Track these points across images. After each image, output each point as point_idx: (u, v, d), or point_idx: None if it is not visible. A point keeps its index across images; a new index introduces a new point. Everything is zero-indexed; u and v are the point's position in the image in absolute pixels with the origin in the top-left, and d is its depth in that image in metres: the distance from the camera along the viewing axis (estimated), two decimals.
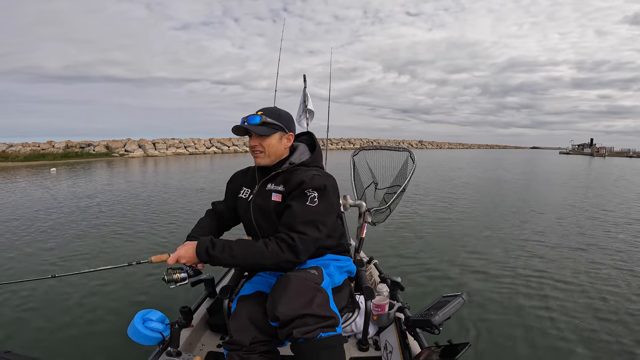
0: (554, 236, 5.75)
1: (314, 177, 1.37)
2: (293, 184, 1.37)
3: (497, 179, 15.42)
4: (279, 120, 1.44)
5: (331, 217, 1.40)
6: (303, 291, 1.22)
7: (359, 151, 2.94)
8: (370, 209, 2.53)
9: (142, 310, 1.40)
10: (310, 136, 1.63)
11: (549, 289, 3.66)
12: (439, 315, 1.37)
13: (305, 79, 3.52)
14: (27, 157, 22.23)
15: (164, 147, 29.29)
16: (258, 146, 1.43)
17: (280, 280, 1.28)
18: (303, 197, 1.34)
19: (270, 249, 1.26)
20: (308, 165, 1.48)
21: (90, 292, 3.21)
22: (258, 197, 1.47)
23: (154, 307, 1.46)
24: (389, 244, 5.11)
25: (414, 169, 2.60)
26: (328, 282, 1.34)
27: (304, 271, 1.33)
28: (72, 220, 6.14)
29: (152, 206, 7.61)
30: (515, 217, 7.25)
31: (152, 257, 1.33)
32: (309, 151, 1.55)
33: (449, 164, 24.60)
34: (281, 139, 1.45)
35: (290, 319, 1.17)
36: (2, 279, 3.31)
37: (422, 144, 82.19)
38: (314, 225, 1.31)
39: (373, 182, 2.85)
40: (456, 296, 1.46)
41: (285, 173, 1.45)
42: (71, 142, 26.65)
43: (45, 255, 4.30)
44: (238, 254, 1.25)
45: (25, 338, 2.55)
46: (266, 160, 1.45)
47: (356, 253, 2.40)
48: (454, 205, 8.44)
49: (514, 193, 11.15)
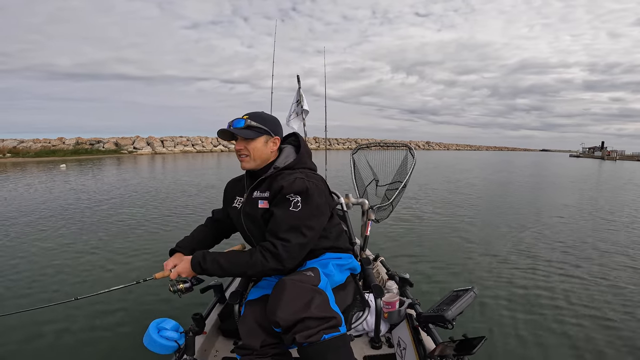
0: (562, 235, 5.80)
1: (295, 180, 1.36)
2: (275, 189, 1.37)
3: (502, 181, 15.36)
4: (264, 124, 1.43)
5: (318, 219, 1.39)
6: (299, 294, 1.21)
7: (358, 149, 2.95)
8: (373, 206, 2.53)
9: (156, 320, 1.40)
10: (296, 137, 1.61)
11: (558, 283, 3.70)
12: (451, 310, 1.37)
13: (299, 80, 3.52)
14: (38, 153, 22.77)
15: (171, 144, 29.94)
16: (243, 150, 1.43)
17: (276, 285, 1.27)
18: (285, 202, 1.33)
19: (254, 258, 1.29)
20: (293, 167, 1.46)
21: (100, 308, 3.16)
22: (247, 205, 1.47)
23: (164, 316, 1.46)
24: (394, 241, 5.13)
25: (414, 164, 2.61)
26: (326, 282, 1.34)
27: (300, 274, 1.32)
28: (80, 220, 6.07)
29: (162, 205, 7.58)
30: (520, 217, 7.29)
31: (155, 274, 1.44)
32: (295, 153, 1.53)
33: (455, 166, 24.47)
34: (267, 143, 1.45)
35: (291, 324, 1.17)
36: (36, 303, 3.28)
37: (429, 145, 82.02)
38: (298, 230, 1.31)
39: (374, 179, 2.86)
40: (467, 290, 1.46)
41: (270, 178, 1.44)
42: (81, 139, 27.43)
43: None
44: (225, 266, 1.31)
45: (42, 355, 2.51)
46: (251, 164, 1.45)
47: (362, 251, 2.40)
48: (459, 205, 8.49)
49: (520, 194, 11.16)
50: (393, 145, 2.85)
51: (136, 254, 4.66)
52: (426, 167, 22.18)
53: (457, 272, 4.00)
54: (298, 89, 3.54)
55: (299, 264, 1.41)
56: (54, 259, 4.40)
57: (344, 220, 2.17)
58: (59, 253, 4.63)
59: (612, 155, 59.47)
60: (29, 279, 3.80)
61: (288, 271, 1.37)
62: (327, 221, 1.48)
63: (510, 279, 3.78)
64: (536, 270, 4.01)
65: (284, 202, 1.33)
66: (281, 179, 1.39)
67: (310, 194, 1.35)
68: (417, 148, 74.16)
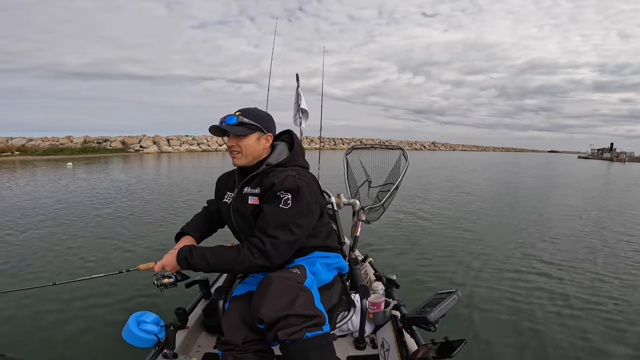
0: (553, 237, 5.83)
1: (287, 178, 1.35)
2: (266, 186, 1.37)
3: (504, 182, 15.35)
4: (256, 120, 1.42)
5: (307, 218, 1.38)
6: (285, 292, 1.21)
7: (352, 150, 2.94)
8: (364, 207, 2.53)
9: (136, 312, 1.39)
10: (290, 134, 1.60)
11: (543, 285, 3.73)
12: (434, 313, 1.38)
13: (298, 79, 3.50)
14: (46, 152, 23.29)
15: (177, 143, 30.45)
16: (235, 146, 1.42)
17: (262, 281, 1.27)
18: (276, 199, 1.33)
19: (242, 255, 1.29)
20: (285, 165, 1.45)
21: (83, 295, 3.17)
22: (237, 201, 1.47)
23: (148, 310, 1.45)
24: (383, 242, 5.14)
25: (407, 166, 2.61)
26: (312, 280, 1.34)
27: (286, 271, 1.32)
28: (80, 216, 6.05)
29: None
30: (514, 218, 7.34)
31: (139, 266, 1.43)
32: (287, 150, 1.52)
33: (460, 166, 24.36)
34: (259, 140, 1.44)
35: (274, 320, 1.16)
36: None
37: (435, 145, 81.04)
38: (287, 227, 1.31)
39: (366, 180, 2.86)
40: (451, 293, 1.46)
41: (262, 175, 1.44)
42: (89, 138, 28.16)
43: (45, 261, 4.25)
44: (212, 262, 1.31)
45: (18, 343, 2.51)
46: (243, 160, 1.44)
47: (351, 251, 2.40)
48: (452, 205, 8.53)
49: (520, 195, 11.15)
50: (387, 146, 2.85)
51: (125, 246, 4.66)
52: (431, 167, 22.19)
53: (444, 274, 4.02)
54: (297, 87, 3.53)
55: (286, 260, 1.41)
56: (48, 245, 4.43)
57: (334, 220, 2.17)
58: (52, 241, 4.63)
59: (621, 157, 59.02)
60: (25, 263, 3.91)
61: (275, 268, 1.37)
62: (317, 220, 1.48)
63: (497, 282, 3.80)
64: (523, 275, 4.02)
65: (274, 199, 1.33)
66: (273, 176, 1.38)
67: (301, 192, 1.34)
68: (422, 149, 74.48)
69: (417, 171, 17.85)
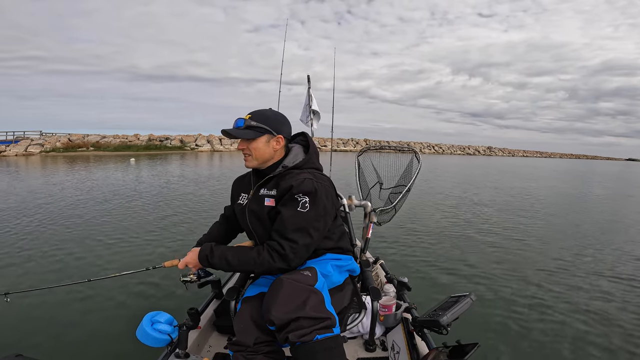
0: (571, 240, 5.68)
1: (305, 180, 1.35)
2: (283, 188, 1.36)
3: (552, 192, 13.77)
4: (265, 122, 1.42)
5: (324, 221, 1.38)
6: (295, 294, 1.21)
7: (364, 151, 2.94)
8: (376, 209, 2.52)
9: (150, 312, 1.41)
10: (305, 137, 1.60)
11: (555, 288, 3.64)
12: (447, 316, 1.35)
13: (309, 80, 3.50)
14: (116, 148, 26.46)
15: (228, 142, 32.77)
16: (245, 149, 1.43)
17: (273, 283, 1.27)
18: (293, 202, 1.33)
19: (262, 257, 1.30)
20: (301, 167, 1.45)
21: (97, 295, 3.23)
22: (252, 202, 1.47)
23: (161, 309, 1.47)
24: (395, 244, 5.09)
25: (419, 168, 2.59)
26: (323, 282, 1.33)
27: (297, 273, 1.32)
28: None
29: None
30: (528, 223, 7.14)
31: (164, 263, 1.49)
32: (303, 152, 1.52)
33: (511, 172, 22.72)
34: (268, 142, 1.43)
35: (285, 322, 1.17)
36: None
37: (490, 150, 74.73)
38: (305, 231, 1.31)
39: (378, 182, 2.85)
40: (464, 296, 1.43)
41: (278, 177, 1.44)
42: (153, 136, 31.23)
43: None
44: (233, 262, 1.34)
45: (35, 342, 2.56)
46: (254, 163, 1.45)
47: (362, 253, 2.39)
48: (466, 211, 8.34)
49: (566, 204, 10.30)
50: (399, 148, 2.83)
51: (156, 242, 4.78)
52: (476, 172, 21.42)
53: (458, 278, 3.95)
54: (308, 89, 3.52)
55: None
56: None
57: (346, 222, 2.16)
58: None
59: None
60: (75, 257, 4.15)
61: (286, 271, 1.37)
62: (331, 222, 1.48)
63: (514, 288, 3.71)
64: (542, 284, 3.91)
65: (292, 201, 1.33)
66: (290, 178, 1.38)
67: (318, 195, 1.34)
68: (476, 153, 68.22)
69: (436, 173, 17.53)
